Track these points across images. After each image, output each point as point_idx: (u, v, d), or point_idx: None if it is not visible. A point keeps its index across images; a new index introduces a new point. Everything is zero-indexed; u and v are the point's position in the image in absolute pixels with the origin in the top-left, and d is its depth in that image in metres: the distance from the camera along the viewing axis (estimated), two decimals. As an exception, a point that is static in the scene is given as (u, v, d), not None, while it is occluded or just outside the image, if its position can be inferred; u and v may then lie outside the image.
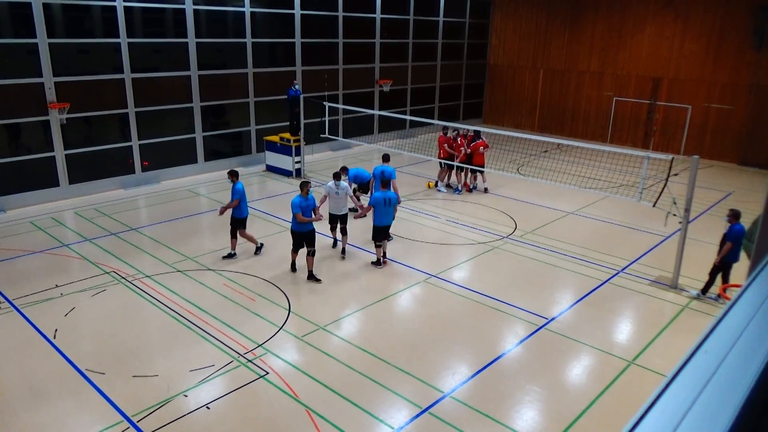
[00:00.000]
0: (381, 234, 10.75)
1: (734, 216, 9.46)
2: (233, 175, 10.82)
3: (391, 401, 7.01)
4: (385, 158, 12.77)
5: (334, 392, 7.08)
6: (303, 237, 10.10)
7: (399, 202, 11.36)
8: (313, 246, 10.16)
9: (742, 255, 9.46)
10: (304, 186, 9.93)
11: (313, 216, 10.10)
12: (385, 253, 10.97)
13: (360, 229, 12.94)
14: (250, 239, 11.16)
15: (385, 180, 10.96)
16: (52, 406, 6.76)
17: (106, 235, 12.19)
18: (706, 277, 9.89)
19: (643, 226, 13.57)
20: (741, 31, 19.94)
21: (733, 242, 9.33)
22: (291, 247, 10.41)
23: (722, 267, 9.61)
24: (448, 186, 16.15)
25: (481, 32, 26.81)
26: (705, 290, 9.83)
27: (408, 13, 22.81)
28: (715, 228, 9.72)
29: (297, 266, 10.49)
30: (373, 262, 10.92)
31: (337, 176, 11.03)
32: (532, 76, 26.00)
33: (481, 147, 15.27)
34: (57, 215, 13.44)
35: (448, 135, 15.63)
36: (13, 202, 13.74)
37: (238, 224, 10.89)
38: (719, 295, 9.81)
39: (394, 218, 11.05)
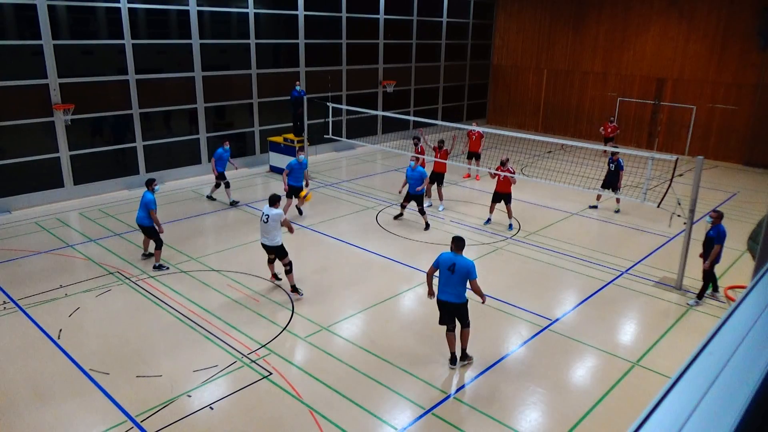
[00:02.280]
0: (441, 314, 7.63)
1: (719, 217, 9.42)
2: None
3: (394, 402, 7.01)
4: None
5: (337, 393, 7.08)
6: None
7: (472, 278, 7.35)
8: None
9: (747, 256, 9.42)
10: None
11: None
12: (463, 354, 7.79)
13: (358, 224, 12.94)
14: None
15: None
16: (57, 406, 6.78)
17: (110, 235, 12.23)
18: (711, 281, 9.85)
19: (648, 227, 13.53)
20: (746, 31, 19.88)
21: (721, 244, 9.31)
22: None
23: (712, 269, 9.57)
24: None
25: (484, 33, 26.79)
26: (701, 295, 9.77)
27: (411, 13, 22.82)
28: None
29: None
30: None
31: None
32: (535, 77, 25.97)
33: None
34: (62, 216, 13.48)
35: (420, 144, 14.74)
36: (18, 202, 13.80)
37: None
38: (713, 293, 9.78)
39: (462, 299, 7.44)
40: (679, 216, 10.16)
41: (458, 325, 7.63)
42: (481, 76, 27.17)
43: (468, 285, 7.35)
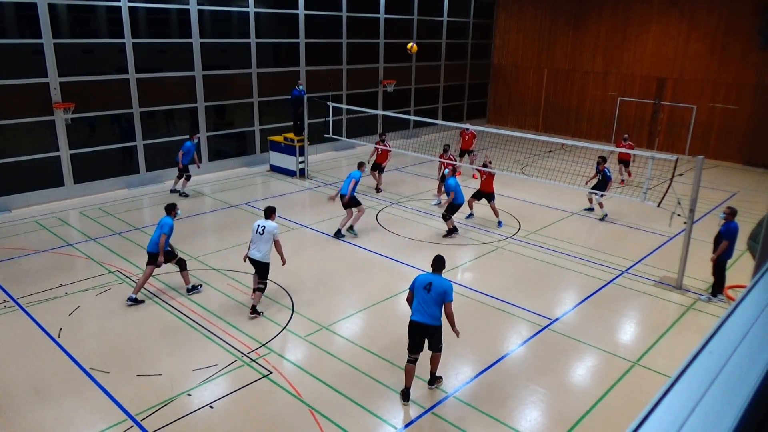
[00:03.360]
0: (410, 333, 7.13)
1: (732, 214, 9.47)
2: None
3: (394, 401, 7.01)
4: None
5: (337, 392, 7.09)
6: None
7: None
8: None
9: (747, 255, 9.44)
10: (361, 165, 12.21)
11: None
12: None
13: (358, 224, 12.93)
14: None
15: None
16: (57, 404, 6.78)
17: (110, 234, 12.23)
18: (711, 279, 9.88)
19: (648, 227, 13.52)
20: (746, 30, 19.87)
21: (730, 240, 9.35)
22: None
23: (720, 264, 9.62)
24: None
25: (485, 32, 26.78)
26: (714, 291, 9.80)
27: (412, 13, 22.81)
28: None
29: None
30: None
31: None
32: (536, 76, 25.96)
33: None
34: (62, 215, 13.49)
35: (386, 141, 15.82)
36: (18, 201, 13.80)
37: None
38: (713, 294, 9.80)
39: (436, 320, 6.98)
40: (679, 216, 10.15)
41: (426, 350, 7.08)
42: (481, 75, 27.16)
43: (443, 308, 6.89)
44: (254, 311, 8.88)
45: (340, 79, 20.67)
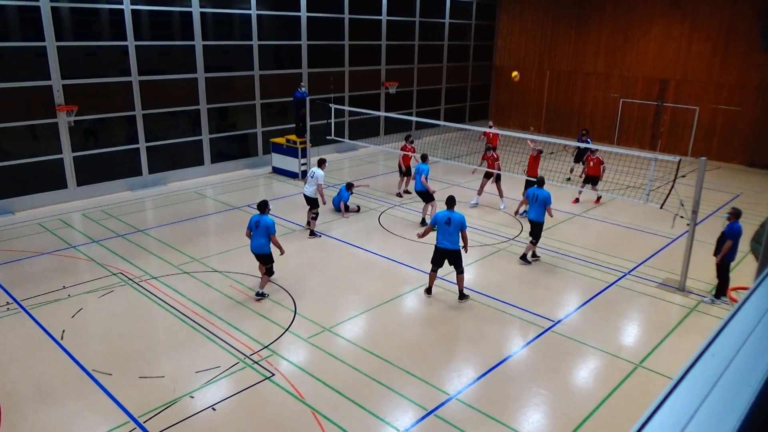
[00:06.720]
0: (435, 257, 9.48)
1: (735, 215, 9.46)
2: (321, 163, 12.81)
3: (396, 403, 7.01)
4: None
5: (339, 394, 7.08)
6: None
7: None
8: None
9: (750, 257, 9.41)
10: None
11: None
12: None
13: (358, 226, 12.93)
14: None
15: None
16: (59, 406, 6.79)
17: (113, 236, 12.25)
18: (714, 280, 9.86)
19: (651, 229, 13.50)
20: (749, 32, 19.84)
21: (733, 241, 9.33)
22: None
23: (723, 266, 9.61)
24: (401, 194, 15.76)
25: (487, 34, 26.79)
26: (718, 293, 9.78)
27: (414, 15, 22.83)
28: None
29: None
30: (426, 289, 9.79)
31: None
32: (538, 78, 25.95)
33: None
34: (65, 217, 13.52)
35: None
36: (21, 203, 13.83)
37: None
38: (717, 296, 9.77)
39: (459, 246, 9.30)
40: (682, 217, 10.14)
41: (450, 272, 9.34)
42: (483, 77, 27.17)
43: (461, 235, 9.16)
44: (312, 234, 12.30)
45: (343, 81, 20.69)
